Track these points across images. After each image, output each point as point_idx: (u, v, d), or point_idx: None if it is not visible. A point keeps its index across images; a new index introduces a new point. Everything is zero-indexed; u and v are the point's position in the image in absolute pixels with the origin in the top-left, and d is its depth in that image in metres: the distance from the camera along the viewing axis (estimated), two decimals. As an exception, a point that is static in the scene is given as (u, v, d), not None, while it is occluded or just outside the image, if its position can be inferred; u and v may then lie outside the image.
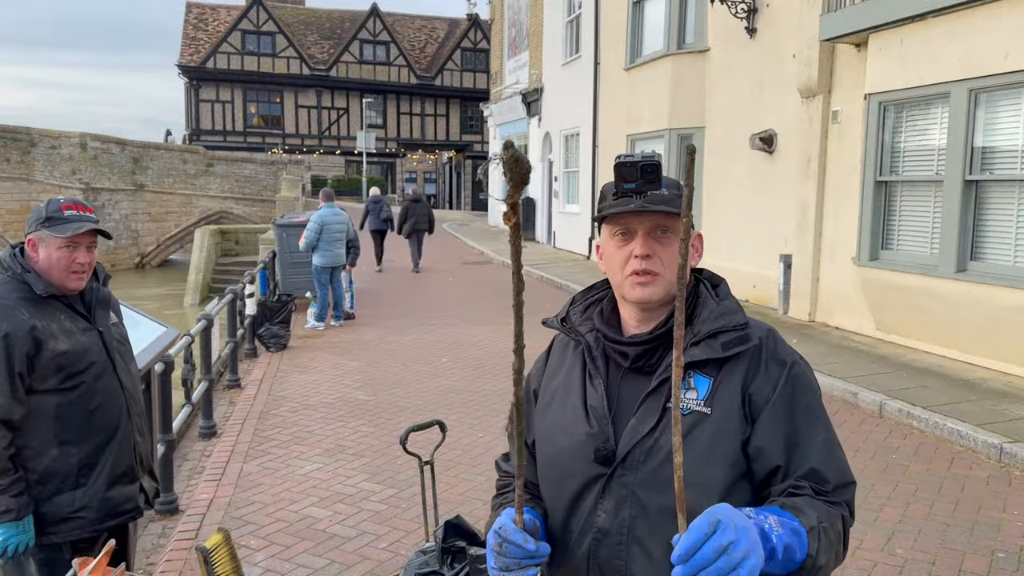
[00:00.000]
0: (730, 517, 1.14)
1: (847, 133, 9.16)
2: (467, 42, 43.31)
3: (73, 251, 2.53)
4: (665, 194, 1.44)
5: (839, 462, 1.44)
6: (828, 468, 1.41)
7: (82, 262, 2.56)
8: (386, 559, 4.03)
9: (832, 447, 1.46)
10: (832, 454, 1.44)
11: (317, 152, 41.26)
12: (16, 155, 24.99)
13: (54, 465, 2.53)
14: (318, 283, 10.33)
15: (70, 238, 2.51)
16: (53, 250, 2.52)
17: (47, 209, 2.56)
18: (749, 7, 10.81)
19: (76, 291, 2.61)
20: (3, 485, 2.41)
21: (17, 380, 2.43)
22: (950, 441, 5.68)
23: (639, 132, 13.60)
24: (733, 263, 11.59)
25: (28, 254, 2.56)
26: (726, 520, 1.13)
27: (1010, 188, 7.06)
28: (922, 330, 7.99)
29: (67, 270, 2.54)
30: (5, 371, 2.40)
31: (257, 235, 19.15)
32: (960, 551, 4.06)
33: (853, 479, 1.45)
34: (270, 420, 6.43)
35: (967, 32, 7.12)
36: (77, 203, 2.60)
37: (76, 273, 2.57)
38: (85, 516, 2.58)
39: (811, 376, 1.50)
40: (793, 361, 1.46)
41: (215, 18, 41.09)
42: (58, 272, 2.54)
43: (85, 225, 2.54)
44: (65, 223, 2.53)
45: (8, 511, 2.42)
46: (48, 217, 2.53)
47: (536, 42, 21.09)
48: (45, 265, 2.54)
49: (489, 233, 24.10)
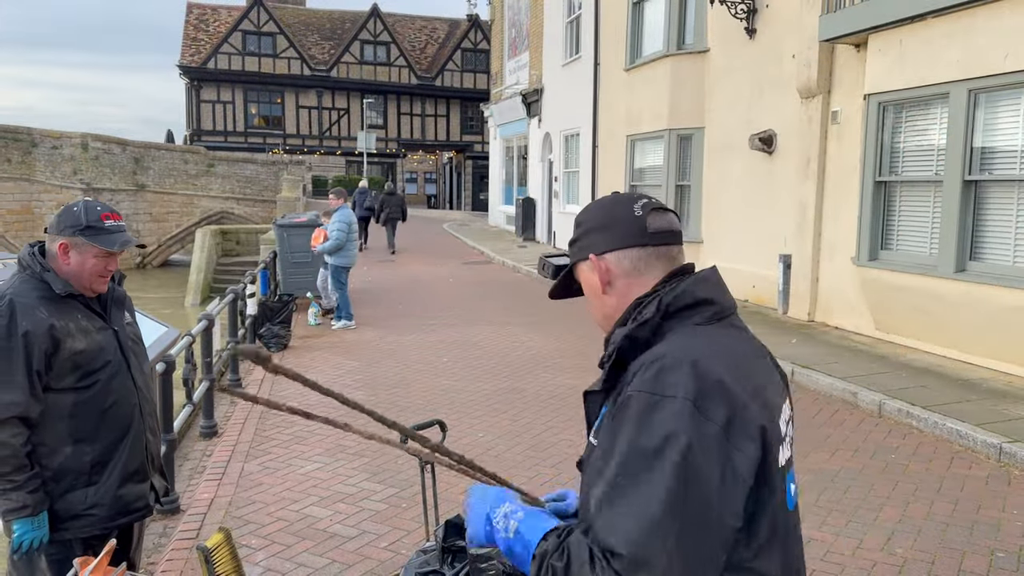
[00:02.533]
0: (473, 492, 1.52)
1: (846, 133, 9.17)
2: (467, 42, 43.32)
3: (107, 260, 2.59)
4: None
5: (613, 524, 1.20)
6: (601, 532, 1.21)
7: (111, 269, 2.63)
8: (386, 558, 4.04)
9: (613, 502, 1.21)
10: (607, 509, 1.22)
11: (318, 152, 41.27)
12: (17, 155, 25.01)
13: (68, 462, 2.56)
14: (339, 283, 10.31)
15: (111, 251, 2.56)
16: (89, 257, 2.55)
17: (86, 216, 2.56)
18: (749, 8, 10.82)
19: (99, 293, 2.65)
20: (20, 481, 2.44)
21: (35, 378, 2.46)
22: (949, 441, 5.68)
23: (639, 132, 13.61)
24: (733, 263, 11.61)
25: (54, 255, 2.57)
26: (470, 491, 1.53)
27: (1009, 188, 7.07)
28: (922, 330, 7.99)
29: (97, 276, 2.59)
30: (24, 369, 2.43)
31: (258, 235, 19.18)
32: (960, 551, 4.07)
33: (621, 551, 1.16)
34: (271, 420, 6.44)
35: (967, 32, 7.13)
36: (113, 211, 2.64)
37: (103, 278, 2.62)
38: (97, 513, 2.60)
39: (649, 412, 1.23)
40: (633, 392, 1.27)
41: (216, 19, 41.11)
42: (88, 278, 2.58)
43: (129, 241, 2.61)
44: (107, 234, 2.56)
45: (24, 507, 2.45)
46: (89, 225, 2.54)
47: (536, 42, 21.10)
48: (77, 269, 2.56)
49: (489, 233, 24.11)
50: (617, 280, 1.46)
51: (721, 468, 1.21)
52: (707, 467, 1.19)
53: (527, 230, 21.43)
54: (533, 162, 21.84)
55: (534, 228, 21.38)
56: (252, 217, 27.96)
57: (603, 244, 1.47)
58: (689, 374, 1.24)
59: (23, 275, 2.57)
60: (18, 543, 2.46)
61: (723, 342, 1.35)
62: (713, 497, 1.20)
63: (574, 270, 1.54)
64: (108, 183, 26.15)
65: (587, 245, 1.49)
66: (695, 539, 1.18)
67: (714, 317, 1.39)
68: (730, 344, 1.36)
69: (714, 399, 1.23)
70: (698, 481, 1.19)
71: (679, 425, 1.20)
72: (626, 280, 1.46)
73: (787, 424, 1.40)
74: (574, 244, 1.54)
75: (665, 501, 1.17)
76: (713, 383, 1.24)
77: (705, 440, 1.20)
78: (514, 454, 5.57)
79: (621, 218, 1.46)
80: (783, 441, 1.35)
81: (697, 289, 1.40)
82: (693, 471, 1.19)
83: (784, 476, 1.33)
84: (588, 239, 1.49)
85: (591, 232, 1.49)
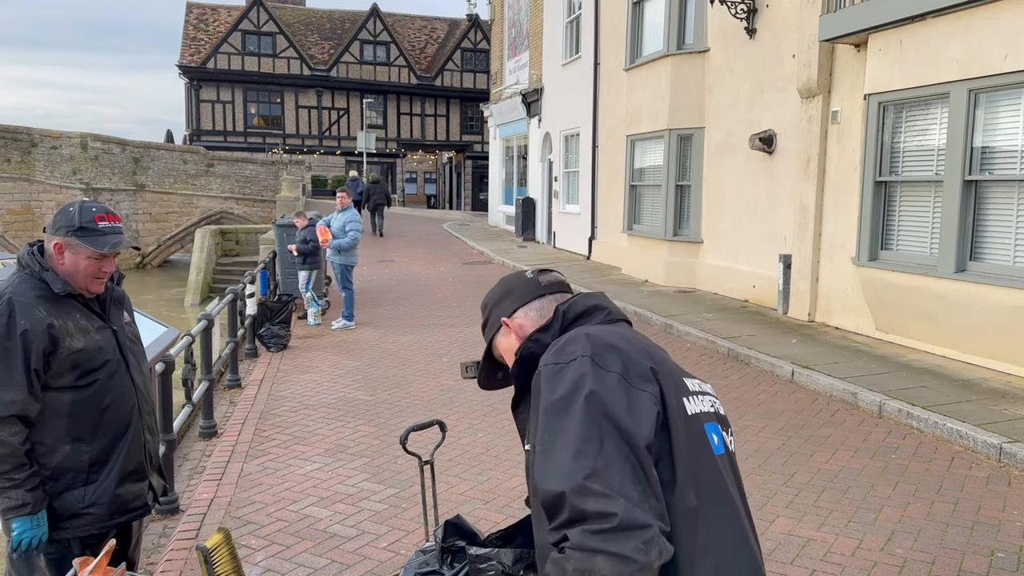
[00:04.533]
0: None
1: (847, 133, 9.17)
2: (467, 42, 43.30)
3: (101, 261, 2.57)
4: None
5: (547, 471, 1.29)
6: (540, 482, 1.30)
7: (107, 271, 2.61)
8: (386, 559, 4.03)
9: (546, 454, 1.32)
10: (542, 464, 1.32)
11: (317, 152, 41.27)
12: (17, 155, 25.00)
13: (66, 461, 2.56)
14: (346, 282, 10.35)
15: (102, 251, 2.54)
16: (82, 259, 2.55)
17: (80, 217, 2.56)
18: (749, 7, 10.82)
19: (96, 294, 2.64)
20: (19, 480, 2.44)
21: (34, 377, 2.46)
22: (950, 441, 5.68)
23: (639, 132, 13.60)
24: (733, 263, 11.61)
25: (51, 255, 2.58)
26: None
27: (1009, 188, 7.06)
28: (922, 330, 7.99)
29: (92, 277, 2.58)
30: (22, 367, 2.43)
31: (258, 235, 19.20)
32: (960, 551, 4.07)
33: (561, 488, 1.25)
34: (270, 420, 6.44)
35: (967, 32, 7.13)
36: (108, 212, 2.62)
37: (99, 279, 2.61)
38: (95, 512, 2.61)
39: (556, 375, 1.39)
40: (541, 368, 1.44)
41: (215, 18, 41.09)
42: (83, 278, 2.57)
43: (121, 242, 2.59)
44: (100, 236, 2.55)
45: (24, 505, 2.45)
46: (82, 226, 2.54)
47: (536, 42, 21.10)
48: (71, 270, 2.56)
49: (489, 233, 24.10)
50: (526, 330, 1.64)
51: (627, 399, 1.34)
52: (613, 399, 1.33)
53: (527, 230, 21.43)
54: (533, 162, 21.83)
55: (534, 228, 21.38)
56: (251, 217, 27.97)
57: (510, 307, 1.70)
58: (584, 341, 1.43)
59: (22, 274, 2.57)
60: (17, 542, 2.46)
61: (617, 330, 1.53)
62: (624, 420, 1.31)
63: (493, 348, 1.74)
64: (108, 183, 26.14)
65: (497, 316, 1.71)
66: (619, 454, 1.27)
67: (607, 320, 1.58)
68: (624, 331, 1.54)
69: (609, 355, 1.40)
70: (606, 409, 1.32)
71: (581, 374, 1.36)
72: (532, 327, 1.64)
73: (702, 387, 1.55)
74: (485, 326, 1.74)
75: (582, 429, 1.29)
76: (606, 345, 1.42)
77: (607, 382, 1.35)
78: (513, 454, 5.57)
79: (517, 284, 1.72)
80: (692, 395, 1.49)
81: (587, 300, 1.61)
82: (600, 402, 1.32)
83: (702, 424, 1.46)
84: (496, 312, 1.72)
85: (496, 306, 1.72)
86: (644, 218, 13.87)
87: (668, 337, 9.57)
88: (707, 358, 8.45)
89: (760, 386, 7.28)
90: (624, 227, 14.37)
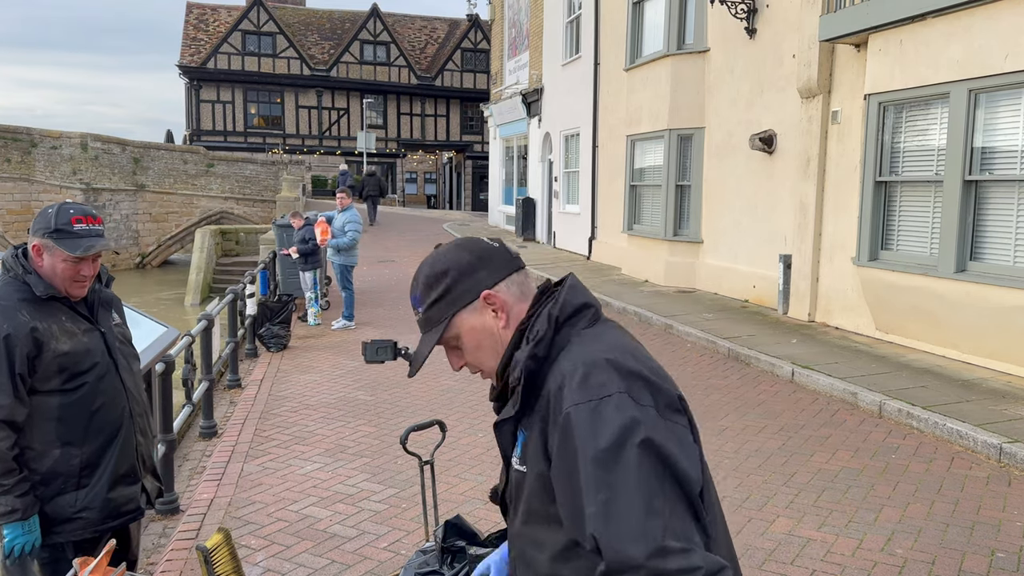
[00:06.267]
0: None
1: (847, 133, 9.17)
2: (467, 42, 43.28)
3: (78, 264, 2.52)
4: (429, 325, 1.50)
5: (618, 533, 1.19)
6: (608, 544, 1.20)
7: (86, 274, 2.56)
8: (386, 559, 4.03)
9: (608, 516, 1.21)
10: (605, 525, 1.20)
11: (317, 152, 41.26)
12: (17, 155, 25.00)
13: (56, 466, 2.54)
14: (346, 282, 10.34)
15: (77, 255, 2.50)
16: (58, 261, 2.50)
17: (56, 219, 2.51)
18: (749, 7, 10.82)
19: (78, 298, 2.61)
20: (8, 485, 2.42)
21: (19, 381, 2.43)
22: (950, 441, 5.68)
23: (639, 132, 13.60)
24: (733, 263, 11.61)
25: (32, 258, 2.55)
26: None
27: (1010, 188, 7.06)
28: (922, 330, 7.99)
29: (71, 280, 2.54)
30: (7, 372, 2.41)
31: (258, 235, 19.19)
32: (960, 551, 4.07)
33: (642, 553, 1.17)
34: (270, 420, 6.44)
35: (967, 32, 7.13)
36: (87, 214, 2.55)
37: (79, 283, 2.56)
38: (87, 516, 2.58)
39: (593, 419, 1.25)
40: (570, 408, 1.27)
41: (215, 19, 41.08)
42: (61, 281, 2.53)
43: (95, 246, 2.52)
44: (75, 239, 2.49)
45: (14, 511, 2.43)
46: (57, 228, 2.49)
47: (536, 42, 21.10)
48: (49, 272, 2.53)
49: (489, 233, 24.10)
50: (512, 309, 1.45)
51: (676, 440, 1.26)
52: (665, 443, 1.24)
53: (527, 230, 21.43)
54: (533, 162, 21.83)
55: (534, 228, 21.38)
56: (252, 217, 27.97)
57: (489, 279, 1.44)
58: (611, 371, 1.29)
59: (6, 277, 2.54)
60: (10, 548, 2.44)
61: (610, 339, 1.39)
62: (682, 465, 1.24)
63: (449, 327, 1.45)
64: (108, 183, 26.15)
65: (467, 289, 1.44)
66: (680, 502, 1.22)
67: (593, 319, 1.43)
68: (617, 339, 1.41)
69: (637, 384, 1.29)
70: (662, 455, 1.23)
71: (629, 418, 1.24)
72: (517, 307, 1.45)
73: None
74: (441, 300, 1.45)
75: (644, 483, 1.21)
76: (629, 372, 1.30)
77: (651, 420, 1.25)
78: (514, 454, 5.57)
79: (490, 252, 1.47)
80: None
81: (575, 297, 1.43)
82: (655, 450, 1.23)
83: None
84: (465, 284, 1.44)
85: (463, 277, 1.44)
86: (644, 218, 13.87)
87: (668, 337, 9.57)
88: (707, 358, 8.45)
89: (760, 386, 7.28)
90: (624, 227, 14.37)
